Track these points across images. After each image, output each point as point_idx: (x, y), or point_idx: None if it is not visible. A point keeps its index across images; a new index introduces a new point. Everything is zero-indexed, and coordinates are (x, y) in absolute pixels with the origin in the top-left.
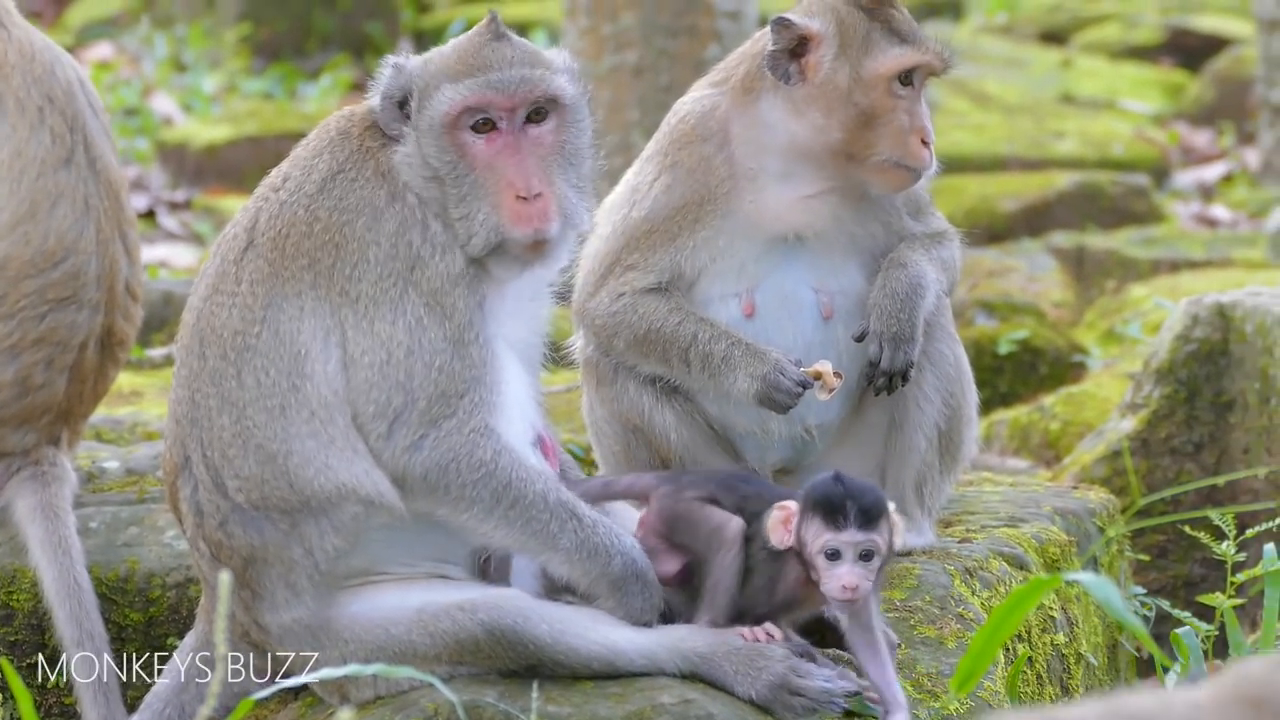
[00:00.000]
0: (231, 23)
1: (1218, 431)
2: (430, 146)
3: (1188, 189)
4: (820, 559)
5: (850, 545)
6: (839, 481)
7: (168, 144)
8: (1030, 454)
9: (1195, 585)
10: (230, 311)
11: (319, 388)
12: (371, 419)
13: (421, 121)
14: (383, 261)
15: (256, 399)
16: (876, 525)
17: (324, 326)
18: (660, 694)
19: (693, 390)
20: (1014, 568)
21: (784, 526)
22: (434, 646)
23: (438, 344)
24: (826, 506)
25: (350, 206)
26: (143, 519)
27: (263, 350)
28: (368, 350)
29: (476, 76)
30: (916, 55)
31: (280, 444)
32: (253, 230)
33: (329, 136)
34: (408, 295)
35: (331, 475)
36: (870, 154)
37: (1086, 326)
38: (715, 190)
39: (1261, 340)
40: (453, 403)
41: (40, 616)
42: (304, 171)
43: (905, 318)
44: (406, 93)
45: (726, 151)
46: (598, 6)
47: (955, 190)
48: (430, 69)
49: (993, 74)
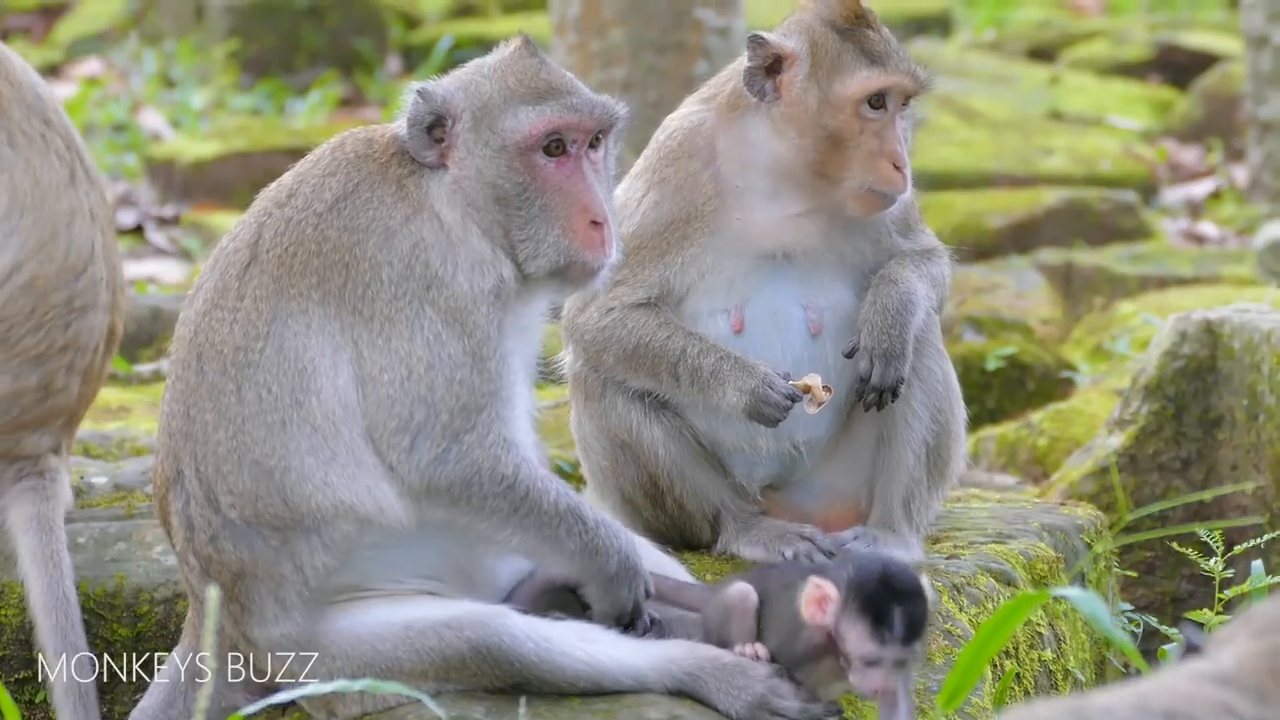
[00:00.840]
0: (220, 39)
1: (1205, 448)
2: (498, 167)
3: (1176, 205)
4: (858, 663)
5: (891, 659)
6: (888, 585)
7: (156, 160)
8: (1018, 470)
9: (1183, 601)
10: (231, 327)
11: (325, 403)
12: (394, 433)
13: (485, 142)
14: (396, 281)
15: (256, 414)
16: (920, 637)
17: (333, 344)
18: (648, 710)
19: (682, 405)
20: (1001, 584)
21: (818, 606)
22: (421, 663)
23: (458, 358)
24: (875, 615)
25: (361, 226)
26: (130, 534)
27: (265, 366)
28: (386, 368)
29: (557, 100)
30: (885, 78)
31: (278, 460)
32: (256, 246)
33: (345, 157)
34: (424, 312)
35: (330, 492)
36: (843, 177)
37: (1074, 343)
38: (703, 207)
39: (1249, 357)
40: (473, 416)
41: (27, 632)
42: (314, 189)
43: (896, 334)
44: (440, 117)
45: (713, 168)
46: (586, 23)
47: (943, 207)
48: (484, 93)
49: (980, 90)
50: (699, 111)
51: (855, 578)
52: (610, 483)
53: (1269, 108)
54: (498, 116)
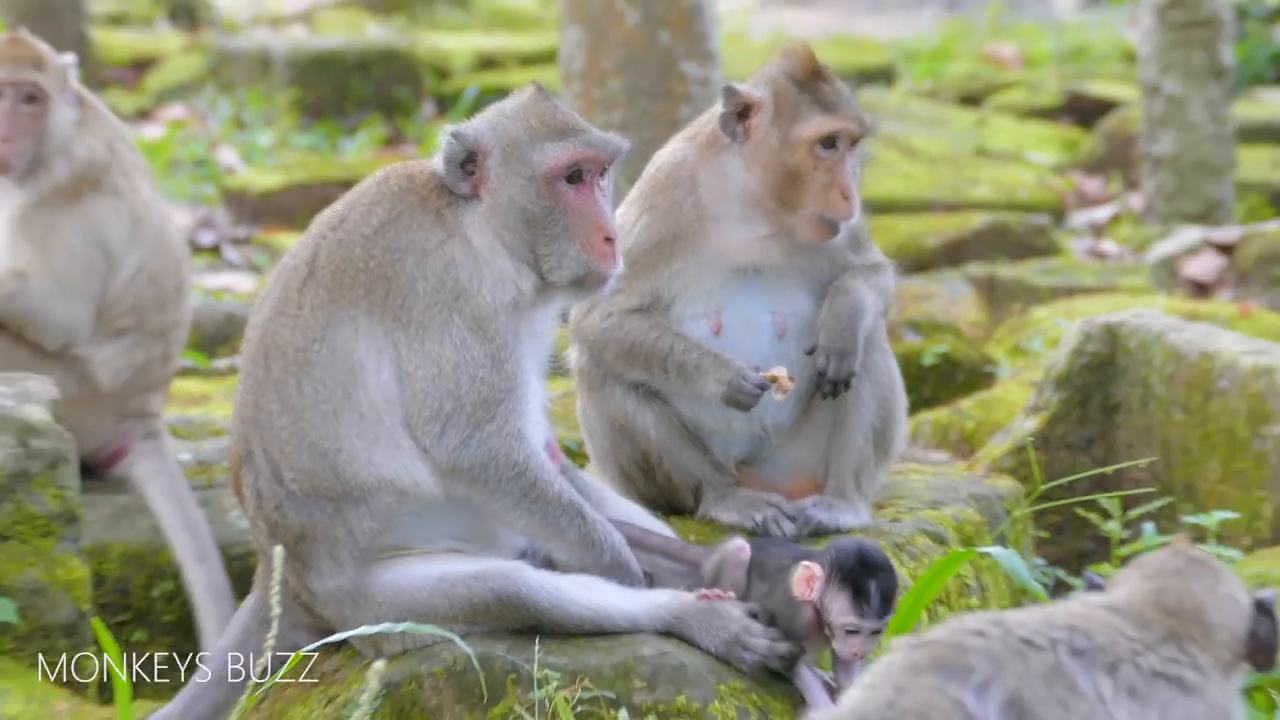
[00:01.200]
0: (283, 88)
1: (1105, 429)
2: (528, 194)
3: (1082, 227)
4: (840, 631)
5: (869, 629)
6: (865, 563)
7: (230, 189)
8: (949, 448)
9: (1087, 557)
10: (293, 331)
11: (370, 396)
12: (427, 422)
13: (516, 173)
14: (429, 293)
15: (313, 405)
16: (891, 608)
17: (377, 346)
18: (641, 647)
19: (670, 394)
20: (936, 543)
21: (807, 585)
22: (452, 609)
23: (480, 359)
24: (854, 589)
25: (401, 247)
26: (210, 501)
27: (321, 364)
28: (421, 365)
29: (576, 137)
30: (834, 123)
31: (331, 443)
32: (313, 263)
33: (390, 190)
34: (452, 320)
35: (374, 470)
36: (800, 205)
37: (996, 342)
38: (686, 229)
39: (1143, 354)
40: (492, 409)
41: (126, 581)
42: (362, 216)
43: (848, 335)
44: (472, 154)
45: (695, 196)
46: (589, 74)
47: (887, 229)
48: (510, 131)
49: (919, 131)
50: (682, 149)
51: (836, 559)
52: (610, 459)
53: (1160, 145)
54: (526, 151)
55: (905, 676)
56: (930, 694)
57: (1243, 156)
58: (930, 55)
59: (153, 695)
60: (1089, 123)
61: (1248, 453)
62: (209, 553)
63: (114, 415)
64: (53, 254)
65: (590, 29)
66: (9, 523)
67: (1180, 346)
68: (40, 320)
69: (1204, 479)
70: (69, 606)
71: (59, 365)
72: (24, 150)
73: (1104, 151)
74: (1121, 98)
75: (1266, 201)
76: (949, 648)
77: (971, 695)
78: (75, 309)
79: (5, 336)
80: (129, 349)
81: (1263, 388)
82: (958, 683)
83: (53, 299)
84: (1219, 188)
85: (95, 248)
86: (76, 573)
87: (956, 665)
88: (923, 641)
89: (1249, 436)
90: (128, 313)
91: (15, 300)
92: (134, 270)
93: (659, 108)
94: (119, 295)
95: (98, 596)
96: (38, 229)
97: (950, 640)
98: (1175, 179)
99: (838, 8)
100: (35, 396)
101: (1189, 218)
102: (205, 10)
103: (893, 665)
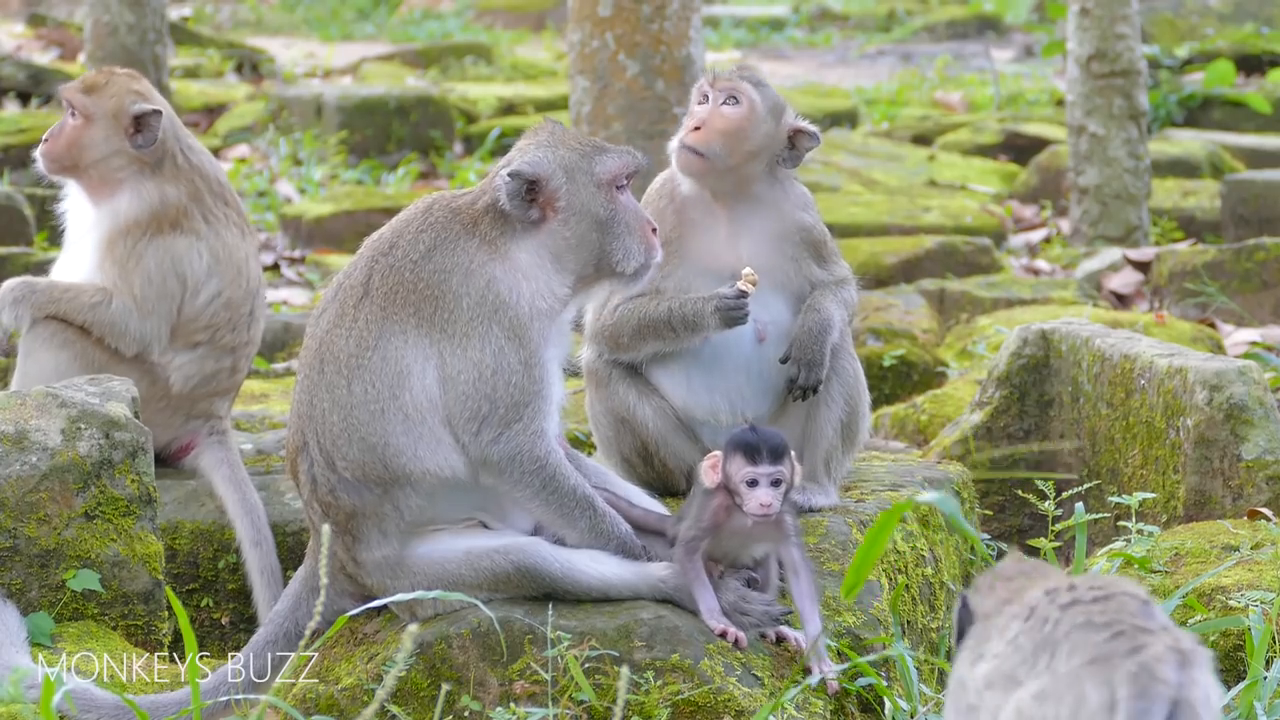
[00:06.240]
0: (333, 130)
1: (1040, 422)
2: (598, 200)
3: (1019, 248)
4: (742, 486)
5: (765, 475)
6: (753, 430)
7: (288, 217)
8: (906, 438)
9: (1025, 533)
10: (347, 340)
11: (415, 397)
12: (466, 421)
13: (583, 185)
14: (472, 307)
15: (363, 404)
16: (782, 460)
17: (423, 354)
18: (641, 612)
19: (686, 351)
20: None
21: (712, 470)
22: (477, 578)
23: (514, 366)
24: (745, 448)
25: (447, 268)
26: (269, 485)
27: (371, 369)
28: (462, 370)
29: (619, 152)
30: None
31: (379, 437)
32: (368, 285)
33: (436, 219)
34: (492, 330)
35: (418, 462)
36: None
37: (946, 347)
38: (670, 234)
39: (1073, 356)
40: (521, 410)
41: (195, 555)
42: (410, 243)
43: (817, 348)
44: (534, 183)
45: (675, 204)
46: (595, 118)
47: (851, 249)
48: (560, 155)
49: (878, 166)
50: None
51: (731, 436)
52: (613, 448)
53: (1085, 177)
54: (587, 165)
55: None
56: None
57: (1156, 187)
58: (888, 101)
59: (218, 653)
60: (1024, 159)
61: (1164, 441)
62: (265, 537)
63: (183, 415)
64: (132, 276)
65: (596, 79)
66: (94, 504)
67: (1105, 350)
68: (118, 331)
69: (1126, 464)
70: (146, 577)
71: (135, 368)
72: (57, 154)
73: (1037, 183)
74: (1052, 137)
75: (1177, 225)
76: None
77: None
78: (148, 324)
79: (89, 339)
80: (200, 359)
81: (1176, 385)
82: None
83: (129, 314)
84: (1136, 214)
85: (172, 276)
86: (152, 547)
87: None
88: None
89: (1165, 427)
90: (202, 330)
91: (95, 311)
92: (211, 296)
93: (655, 147)
94: (195, 315)
95: (170, 568)
96: (121, 253)
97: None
98: (1099, 206)
99: (809, 61)
100: (118, 395)
101: (1111, 240)
102: (267, 64)
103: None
